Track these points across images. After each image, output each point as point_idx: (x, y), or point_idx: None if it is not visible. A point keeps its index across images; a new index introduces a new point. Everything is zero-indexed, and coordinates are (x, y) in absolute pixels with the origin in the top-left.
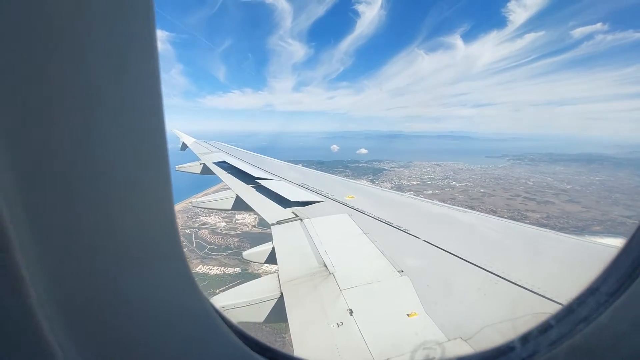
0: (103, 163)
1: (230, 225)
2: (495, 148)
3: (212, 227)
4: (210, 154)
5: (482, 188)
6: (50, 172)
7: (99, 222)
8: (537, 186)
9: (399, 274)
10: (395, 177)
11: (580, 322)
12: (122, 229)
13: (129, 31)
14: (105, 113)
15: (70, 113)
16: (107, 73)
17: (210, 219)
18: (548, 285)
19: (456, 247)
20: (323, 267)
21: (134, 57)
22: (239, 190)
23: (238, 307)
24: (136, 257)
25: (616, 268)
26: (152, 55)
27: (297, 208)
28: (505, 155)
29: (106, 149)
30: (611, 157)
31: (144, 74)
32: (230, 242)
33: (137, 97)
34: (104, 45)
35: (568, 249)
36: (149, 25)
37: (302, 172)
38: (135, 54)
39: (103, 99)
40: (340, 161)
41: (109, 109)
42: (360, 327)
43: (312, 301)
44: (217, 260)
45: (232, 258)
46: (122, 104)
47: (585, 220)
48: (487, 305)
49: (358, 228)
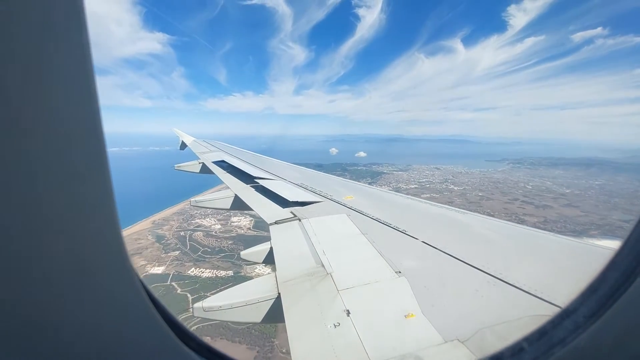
0: (28, 165)
1: (226, 228)
2: (495, 152)
3: (207, 229)
4: (210, 153)
5: (480, 191)
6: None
7: (27, 225)
8: (536, 190)
9: (396, 275)
10: (394, 181)
11: (577, 327)
12: (51, 230)
13: (52, 21)
14: (29, 112)
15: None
16: (31, 70)
17: (206, 222)
18: (545, 287)
19: (454, 248)
20: (321, 267)
21: (62, 55)
22: (238, 189)
23: (235, 307)
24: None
25: (613, 270)
26: (82, 50)
27: (295, 208)
28: (505, 159)
29: (35, 151)
30: (611, 161)
31: (73, 71)
32: (224, 245)
33: (66, 94)
34: (25, 40)
35: (566, 250)
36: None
37: (301, 172)
38: (62, 50)
39: (25, 97)
40: (339, 164)
41: (34, 108)
42: (358, 328)
43: (309, 302)
44: (210, 263)
45: (225, 261)
46: (48, 102)
47: (583, 224)
48: (484, 306)
49: (356, 228)
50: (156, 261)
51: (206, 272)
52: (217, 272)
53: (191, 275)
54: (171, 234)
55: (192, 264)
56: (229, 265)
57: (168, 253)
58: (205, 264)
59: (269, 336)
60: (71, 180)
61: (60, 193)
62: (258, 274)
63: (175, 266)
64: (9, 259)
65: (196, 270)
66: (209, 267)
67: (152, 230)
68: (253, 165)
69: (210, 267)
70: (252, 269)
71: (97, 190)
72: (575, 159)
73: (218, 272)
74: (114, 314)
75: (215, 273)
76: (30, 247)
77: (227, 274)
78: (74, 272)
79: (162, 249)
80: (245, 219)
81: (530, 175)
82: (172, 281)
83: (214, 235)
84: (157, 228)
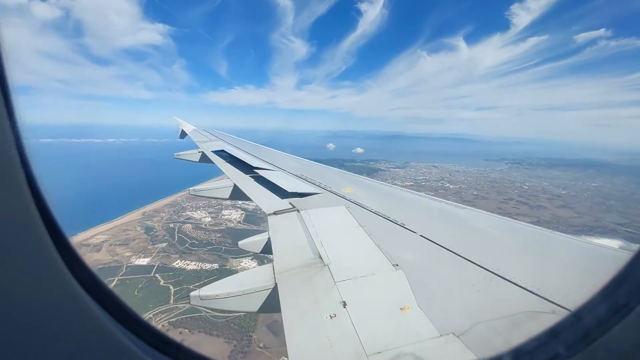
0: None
1: (216, 221)
2: (495, 151)
3: (197, 222)
4: (209, 142)
5: (475, 190)
6: None
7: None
8: (532, 190)
9: (393, 267)
10: (390, 178)
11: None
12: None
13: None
14: None
15: None
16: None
17: (197, 214)
18: (542, 284)
19: (452, 242)
20: (318, 258)
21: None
22: (237, 179)
23: (232, 296)
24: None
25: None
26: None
27: (294, 199)
28: (503, 159)
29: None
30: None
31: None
32: (212, 238)
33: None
34: None
35: (564, 248)
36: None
37: (300, 163)
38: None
39: None
40: (336, 160)
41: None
42: (353, 319)
43: (306, 292)
44: (197, 255)
45: (211, 254)
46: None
47: (576, 226)
48: (480, 301)
49: (355, 221)
50: (142, 252)
51: (191, 265)
52: (202, 264)
53: (176, 268)
54: (160, 226)
55: (178, 256)
56: (215, 258)
57: (155, 245)
58: (192, 257)
59: (247, 330)
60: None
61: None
62: (243, 267)
63: (161, 258)
64: None
65: (182, 262)
66: (195, 259)
67: (141, 222)
68: (253, 155)
69: (196, 260)
70: (237, 262)
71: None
72: (574, 160)
73: (203, 265)
74: (32, 307)
75: (200, 266)
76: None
77: (212, 267)
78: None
79: (150, 241)
80: (236, 212)
81: (527, 176)
82: (156, 273)
83: (203, 228)
84: (147, 219)
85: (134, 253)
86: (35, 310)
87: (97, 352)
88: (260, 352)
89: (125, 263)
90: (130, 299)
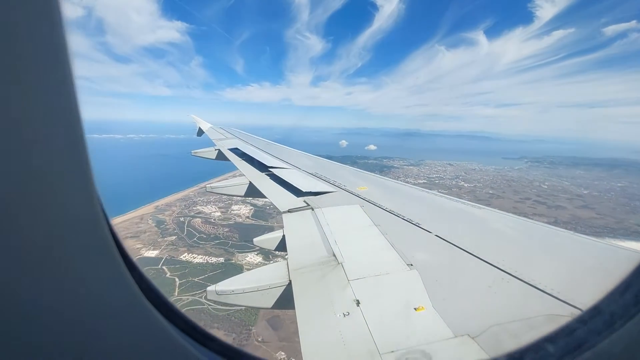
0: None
1: (225, 216)
2: (515, 149)
3: (207, 216)
4: (226, 140)
5: (491, 189)
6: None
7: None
8: (552, 190)
9: (408, 267)
10: (403, 175)
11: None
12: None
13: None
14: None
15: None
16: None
17: (207, 209)
18: (562, 287)
19: (468, 243)
20: (332, 256)
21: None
22: (252, 177)
23: (247, 291)
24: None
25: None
26: (60, 49)
27: (308, 197)
28: (523, 157)
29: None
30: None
31: (53, 70)
32: (220, 232)
33: (46, 94)
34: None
35: (586, 250)
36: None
37: (315, 161)
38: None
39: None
40: (349, 157)
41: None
42: (367, 318)
43: (319, 290)
44: (204, 249)
45: (218, 248)
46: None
47: (596, 227)
48: (497, 303)
49: (369, 219)
50: (152, 245)
51: (198, 258)
52: (208, 258)
53: (183, 260)
54: (171, 220)
55: (186, 249)
56: (222, 252)
57: (165, 238)
58: (199, 250)
59: (247, 324)
60: (42, 174)
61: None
62: (248, 262)
63: (169, 251)
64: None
65: (189, 255)
66: (202, 253)
67: (154, 215)
68: (268, 153)
69: (203, 254)
70: (243, 257)
71: (75, 183)
72: (599, 159)
73: (209, 259)
74: (99, 311)
75: (206, 259)
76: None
77: (218, 261)
78: (51, 268)
79: (160, 234)
80: (245, 207)
81: (547, 175)
82: (164, 265)
83: (212, 222)
84: (159, 213)
85: (144, 245)
86: (101, 315)
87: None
88: (259, 345)
89: (135, 255)
90: None
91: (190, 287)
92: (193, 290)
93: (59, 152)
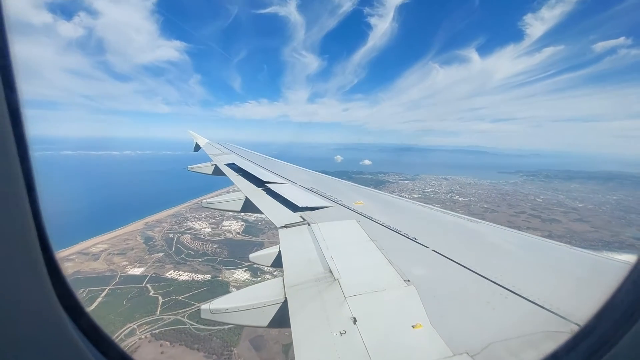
0: None
1: (215, 232)
2: (511, 164)
3: (197, 232)
4: (222, 156)
5: (485, 203)
6: None
7: None
8: (546, 203)
9: (405, 283)
10: (397, 190)
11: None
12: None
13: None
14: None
15: None
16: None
17: (197, 225)
18: (562, 302)
19: (466, 258)
20: (329, 272)
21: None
22: (249, 192)
23: (241, 310)
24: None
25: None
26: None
27: (305, 212)
28: (519, 171)
29: None
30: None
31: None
32: (208, 249)
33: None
34: None
35: (584, 264)
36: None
37: (311, 176)
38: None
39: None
40: (344, 172)
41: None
42: (364, 337)
43: (316, 307)
44: (191, 266)
45: (206, 264)
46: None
47: (591, 240)
48: (495, 320)
49: (365, 235)
50: (137, 262)
51: (184, 276)
52: (195, 275)
53: (168, 278)
54: (160, 236)
55: (172, 267)
56: (209, 269)
57: (152, 254)
58: (185, 267)
59: (229, 345)
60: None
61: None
62: (235, 279)
63: (155, 268)
64: None
65: (175, 273)
66: (189, 270)
67: (143, 232)
68: (265, 168)
69: (189, 270)
70: (230, 274)
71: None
72: (594, 173)
73: (196, 276)
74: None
75: (192, 277)
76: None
77: (205, 278)
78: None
79: (147, 250)
80: (237, 223)
81: (542, 188)
82: (148, 283)
83: (201, 238)
84: (149, 229)
85: (129, 262)
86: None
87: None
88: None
89: (119, 272)
90: (118, 309)
91: (174, 305)
92: (176, 309)
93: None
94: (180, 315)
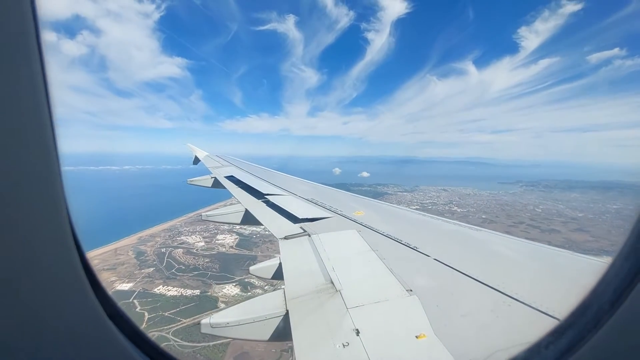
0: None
1: (209, 246)
2: (511, 174)
3: (189, 246)
4: (222, 168)
5: (484, 214)
6: None
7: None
8: (546, 213)
9: (407, 293)
10: (396, 202)
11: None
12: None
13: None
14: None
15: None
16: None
17: (191, 239)
18: (565, 309)
19: (468, 266)
20: (330, 284)
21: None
22: (249, 204)
23: (243, 323)
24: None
25: (610, 281)
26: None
27: (305, 223)
28: (519, 182)
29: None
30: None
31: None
32: (200, 263)
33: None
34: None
35: (589, 271)
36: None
37: (311, 187)
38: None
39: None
40: (343, 184)
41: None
42: (367, 348)
43: (318, 319)
44: (181, 281)
45: (196, 279)
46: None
47: (591, 250)
48: (500, 328)
49: (366, 245)
50: (127, 277)
51: (172, 291)
52: (183, 290)
53: (156, 294)
54: (152, 251)
55: (162, 282)
56: (199, 284)
57: (142, 270)
58: (175, 282)
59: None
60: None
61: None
62: (225, 294)
63: (145, 283)
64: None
65: (164, 288)
66: (178, 285)
67: (135, 246)
68: (264, 180)
69: (178, 286)
70: (220, 289)
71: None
72: (594, 182)
73: (185, 291)
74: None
75: (181, 292)
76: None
77: (194, 293)
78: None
79: (138, 265)
80: (231, 236)
81: (542, 198)
82: (135, 298)
83: (194, 252)
84: (142, 244)
85: (118, 278)
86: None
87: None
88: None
89: (107, 288)
90: None
91: (160, 321)
92: (161, 325)
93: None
94: (165, 332)
